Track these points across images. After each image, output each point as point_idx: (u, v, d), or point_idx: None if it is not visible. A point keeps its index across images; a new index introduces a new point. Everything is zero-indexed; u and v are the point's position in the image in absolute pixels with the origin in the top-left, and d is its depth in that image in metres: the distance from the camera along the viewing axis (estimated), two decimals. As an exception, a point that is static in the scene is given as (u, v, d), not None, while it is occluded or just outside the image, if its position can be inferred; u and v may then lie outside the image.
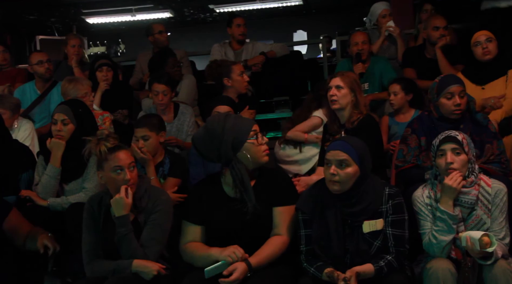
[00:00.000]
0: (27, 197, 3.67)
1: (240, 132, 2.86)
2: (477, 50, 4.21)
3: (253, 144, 2.88)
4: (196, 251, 2.89)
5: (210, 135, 2.87)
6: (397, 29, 5.38)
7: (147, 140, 3.67)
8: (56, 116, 3.70)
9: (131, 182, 2.91)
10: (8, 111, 4.46)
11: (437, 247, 2.83)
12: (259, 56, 5.72)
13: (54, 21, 10.58)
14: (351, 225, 2.79)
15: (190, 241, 2.93)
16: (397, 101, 4.39)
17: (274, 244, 2.85)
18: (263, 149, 2.91)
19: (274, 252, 2.83)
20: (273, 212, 2.90)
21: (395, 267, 2.75)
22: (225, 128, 2.85)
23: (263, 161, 2.92)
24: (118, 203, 2.88)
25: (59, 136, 3.68)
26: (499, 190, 2.89)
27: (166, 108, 4.46)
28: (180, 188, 3.70)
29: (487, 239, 2.64)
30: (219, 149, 2.86)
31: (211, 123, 2.92)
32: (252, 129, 2.89)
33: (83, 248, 2.98)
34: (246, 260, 2.76)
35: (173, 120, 4.46)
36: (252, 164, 2.89)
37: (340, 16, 10.93)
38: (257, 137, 2.89)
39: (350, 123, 3.61)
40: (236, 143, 2.85)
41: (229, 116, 2.96)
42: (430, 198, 2.93)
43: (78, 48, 5.72)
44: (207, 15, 11.01)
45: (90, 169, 3.65)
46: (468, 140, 2.92)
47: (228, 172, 2.90)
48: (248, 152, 2.86)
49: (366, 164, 2.79)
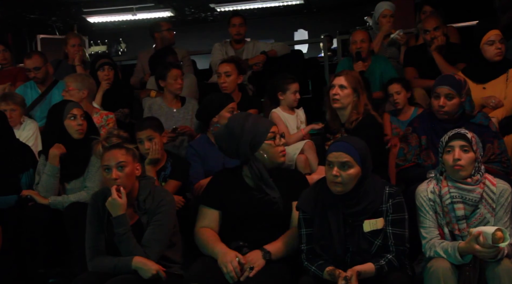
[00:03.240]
0: (29, 196, 3.68)
1: (259, 133, 2.97)
2: (489, 49, 4.17)
3: (270, 145, 2.98)
4: (205, 240, 2.96)
5: (230, 134, 3.00)
6: (404, 38, 5.38)
7: (152, 140, 3.68)
8: (75, 111, 3.71)
9: (118, 181, 2.89)
10: (19, 107, 4.53)
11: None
12: (260, 55, 5.72)
13: (55, 20, 10.58)
14: (351, 224, 2.80)
15: (205, 225, 3.01)
16: (401, 100, 4.43)
17: (293, 236, 2.93)
18: (280, 150, 3.01)
19: (292, 243, 2.92)
20: (292, 207, 2.98)
21: (395, 266, 2.75)
22: (244, 128, 2.97)
23: (280, 161, 3.04)
24: (112, 204, 2.89)
25: (81, 130, 3.70)
26: (504, 189, 2.89)
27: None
28: (180, 190, 3.70)
29: (500, 234, 2.62)
30: (237, 148, 2.98)
31: (232, 121, 3.05)
32: (271, 130, 3.00)
33: (86, 243, 2.99)
34: (263, 248, 2.85)
35: (180, 107, 4.59)
36: (269, 163, 3.00)
37: (341, 15, 10.92)
38: (275, 139, 2.99)
39: (350, 123, 3.62)
40: (254, 143, 2.97)
41: (249, 116, 3.07)
42: (434, 193, 2.93)
43: (78, 47, 5.72)
44: (208, 14, 11.00)
45: (91, 168, 3.66)
46: (477, 140, 2.93)
47: (246, 168, 3.01)
48: (266, 152, 2.98)
49: (367, 165, 2.80)
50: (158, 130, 3.74)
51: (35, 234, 3.55)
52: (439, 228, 2.91)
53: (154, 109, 4.61)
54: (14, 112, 4.46)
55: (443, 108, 3.40)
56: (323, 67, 6.52)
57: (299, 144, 4.02)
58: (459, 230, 2.87)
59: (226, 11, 10.04)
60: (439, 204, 2.91)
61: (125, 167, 2.92)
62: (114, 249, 2.94)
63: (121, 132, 3.04)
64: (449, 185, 2.91)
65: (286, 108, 4.23)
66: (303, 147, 3.96)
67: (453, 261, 2.76)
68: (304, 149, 3.95)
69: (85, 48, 7.71)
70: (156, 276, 2.82)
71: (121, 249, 2.91)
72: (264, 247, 2.87)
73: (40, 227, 3.55)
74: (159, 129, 3.76)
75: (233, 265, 2.78)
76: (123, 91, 5.26)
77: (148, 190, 3.01)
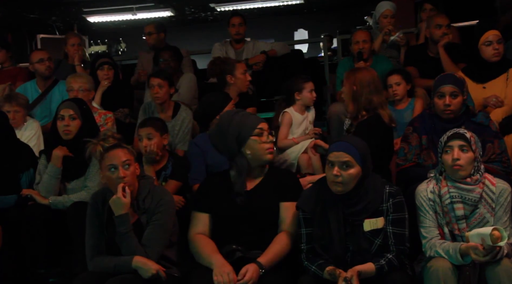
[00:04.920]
0: (29, 196, 3.68)
1: (245, 128, 2.96)
2: (487, 49, 4.17)
3: (255, 141, 2.95)
4: (201, 248, 2.93)
5: (219, 129, 3.01)
6: (404, 39, 5.38)
7: (151, 140, 3.67)
8: (63, 111, 3.71)
9: (125, 179, 2.91)
10: (23, 109, 4.54)
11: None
12: (260, 55, 5.71)
13: (55, 19, 10.58)
14: (352, 223, 2.80)
15: (200, 230, 2.99)
16: (400, 91, 4.45)
17: (281, 241, 2.89)
18: (266, 147, 2.98)
19: (283, 250, 2.87)
20: (280, 207, 2.95)
21: (395, 265, 2.75)
22: (232, 123, 2.97)
23: (266, 158, 3.00)
24: (116, 203, 2.89)
25: (67, 132, 3.69)
26: (503, 189, 2.89)
27: (165, 103, 4.45)
28: (181, 190, 3.70)
29: (497, 233, 2.61)
30: (225, 143, 2.97)
31: (221, 118, 3.06)
32: (258, 127, 2.97)
33: (87, 243, 3.00)
34: (256, 261, 2.78)
35: (170, 119, 4.43)
36: (253, 161, 2.97)
37: (341, 15, 10.93)
38: (262, 135, 2.96)
39: (355, 120, 3.63)
40: (240, 138, 2.94)
41: (239, 112, 3.06)
42: (433, 193, 2.93)
43: (77, 47, 5.73)
44: (208, 14, 11.00)
45: (92, 168, 3.65)
46: (476, 139, 2.92)
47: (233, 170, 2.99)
48: (251, 148, 2.95)
49: (368, 164, 2.80)
50: (160, 131, 3.73)
51: (35, 234, 3.55)
52: (439, 228, 2.91)
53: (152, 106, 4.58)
54: (18, 113, 4.47)
55: (449, 107, 3.37)
56: (323, 67, 6.52)
57: (305, 142, 4.03)
58: (458, 229, 2.87)
59: (226, 11, 10.04)
60: (438, 204, 2.91)
61: (130, 166, 2.95)
62: (114, 249, 2.94)
63: (115, 134, 3.06)
64: (449, 184, 2.91)
65: (299, 109, 4.25)
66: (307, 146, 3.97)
67: (453, 262, 2.76)
68: (309, 147, 3.96)
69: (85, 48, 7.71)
70: (156, 276, 2.82)
71: (122, 248, 2.90)
72: (258, 260, 2.79)
73: (40, 227, 3.55)
74: (160, 129, 3.75)
75: (230, 277, 2.73)
76: (123, 91, 5.26)
77: (147, 190, 3.01)
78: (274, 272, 2.81)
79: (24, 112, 4.56)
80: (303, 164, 3.94)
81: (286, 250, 2.88)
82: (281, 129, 4.18)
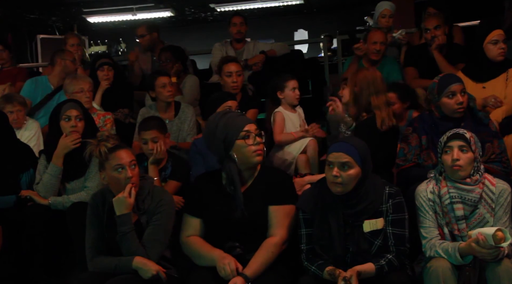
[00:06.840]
0: (28, 197, 3.68)
1: (231, 132, 2.87)
2: (493, 48, 4.14)
3: (241, 145, 2.87)
4: (198, 249, 2.91)
5: (208, 132, 2.96)
6: (406, 38, 5.37)
7: (156, 142, 3.67)
8: (68, 112, 3.69)
9: (133, 179, 2.92)
10: (23, 107, 4.55)
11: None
12: (259, 55, 5.71)
13: (55, 20, 10.57)
14: (351, 224, 2.80)
15: (191, 234, 2.97)
16: (394, 111, 4.33)
17: (267, 248, 2.84)
18: (253, 149, 2.88)
19: (268, 257, 2.83)
20: (268, 211, 2.90)
21: (395, 266, 2.76)
22: (218, 126, 2.89)
23: (254, 161, 2.91)
24: (120, 202, 2.89)
25: (75, 132, 3.67)
26: (503, 189, 2.89)
27: (170, 103, 4.49)
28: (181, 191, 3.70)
29: (501, 234, 2.61)
30: (214, 146, 2.92)
31: (209, 120, 3.00)
32: (244, 129, 2.88)
33: (87, 243, 3.00)
34: (242, 274, 2.75)
35: (173, 118, 4.46)
36: (242, 164, 2.90)
37: (341, 15, 10.91)
38: (248, 138, 2.88)
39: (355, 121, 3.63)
40: (227, 142, 2.87)
41: (226, 114, 2.98)
42: (433, 193, 2.93)
43: (77, 47, 5.72)
44: (208, 14, 11.00)
45: (92, 168, 3.65)
46: (475, 139, 2.92)
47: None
48: (237, 151, 2.88)
49: (367, 165, 2.80)
50: (163, 132, 3.75)
51: (35, 234, 3.55)
52: (439, 228, 2.91)
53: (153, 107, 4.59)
54: (20, 112, 4.49)
55: (462, 105, 3.37)
56: (323, 67, 6.52)
57: (303, 141, 4.01)
58: (458, 230, 2.87)
59: (226, 11, 10.03)
60: (438, 204, 2.91)
61: (136, 166, 2.97)
62: (115, 249, 2.94)
63: (113, 135, 3.07)
64: (448, 185, 2.91)
65: (288, 107, 4.19)
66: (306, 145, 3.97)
67: (453, 262, 2.76)
68: (308, 144, 3.96)
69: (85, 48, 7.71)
70: (156, 277, 2.82)
71: (123, 248, 2.90)
72: (243, 272, 2.76)
73: (40, 227, 3.55)
74: (163, 130, 3.76)
75: (231, 267, 2.74)
76: (123, 91, 5.26)
77: (147, 190, 3.01)
78: (274, 272, 2.81)
79: (25, 112, 4.57)
80: (301, 164, 3.93)
81: (273, 257, 2.84)
82: (275, 126, 4.12)
